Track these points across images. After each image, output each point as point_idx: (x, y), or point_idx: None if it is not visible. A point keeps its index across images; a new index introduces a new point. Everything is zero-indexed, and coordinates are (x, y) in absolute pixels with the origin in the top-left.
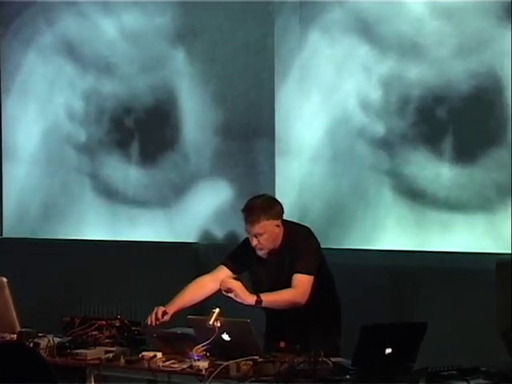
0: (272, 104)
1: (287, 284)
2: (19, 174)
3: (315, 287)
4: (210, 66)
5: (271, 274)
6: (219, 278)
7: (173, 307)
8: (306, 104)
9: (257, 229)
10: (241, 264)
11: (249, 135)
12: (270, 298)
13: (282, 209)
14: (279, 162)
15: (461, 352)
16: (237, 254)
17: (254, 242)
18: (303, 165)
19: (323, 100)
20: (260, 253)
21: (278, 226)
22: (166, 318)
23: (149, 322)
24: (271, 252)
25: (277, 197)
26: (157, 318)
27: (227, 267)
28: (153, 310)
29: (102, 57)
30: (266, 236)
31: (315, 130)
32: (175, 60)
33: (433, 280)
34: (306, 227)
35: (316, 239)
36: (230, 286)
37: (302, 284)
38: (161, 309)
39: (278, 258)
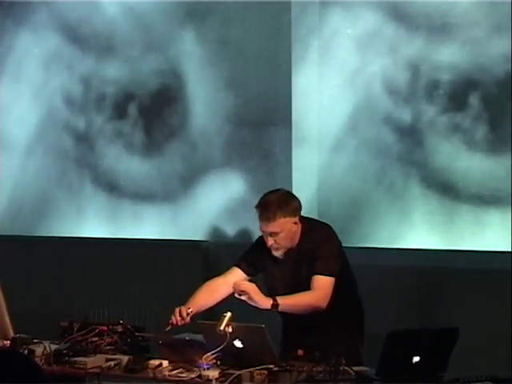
0: (289, 89)
1: (306, 287)
2: (12, 166)
3: (336, 290)
4: (222, 47)
5: (288, 276)
6: (232, 281)
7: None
8: (325, 89)
9: (272, 227)
10: (255, 265)
11: (263, 123)
12: (288, 302)
13: (300, 204)
14: (296, 153)
15: (495, 361)
16: (251, 255)
17: (270, 241)
18: (323, 155)
19: (345, 84)
20: (276, 253)
21: (295, 223)
22: (187, 319)
23: (174, 322)
24: (288, 252)
25: (294, 191)
26: (182, 318)
27: (241, 269)
28: (174, 310)
29: (103, 37)
30: (282, 235)
31: (336, 117)
32: (183, 41)
33: (464, 282)
34: (327, 224)
35: (337, 237)
36: (243, 289)
37: (322, 286)
38: (184, 307)
39: (296, 258)
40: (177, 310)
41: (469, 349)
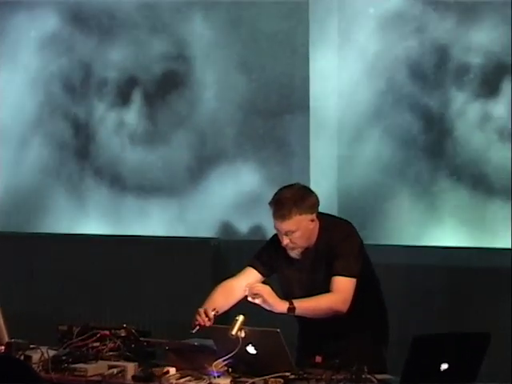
0: (306, 73)
1: (324, 289)
2: (7, 158)
3: (357, 291)
4: (234, 29)
5: (305, 277)
6: (247, 282)
7: None
8: (346, 73)
9: (288, 225)
10: (270, 265)
11: (278, 110)
12: (305, 305)
13: (318, 200)
14: (314, 143)
15: None
16: (265, 254)
17: (285, 240)
18: (343, 146)
19: (367, 69)
20: (292, 253)
21: (312, 220)
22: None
23: (202, 323)
24: (305, 251)
25: (311, 184)
26: (208, 318)
27: (255, 269)
28: (199, 311)
29: (105, 18)
30: (298, 233)
31: (357, 105)
32: (191, 22)
33: (497, 282)
34: (347, 221)
35: (358, 235)
36: (256, 291)
37: (342, 288)
38: (209, 308)
39: (314, 258)
40: (201, 310)
41: (501, 354)
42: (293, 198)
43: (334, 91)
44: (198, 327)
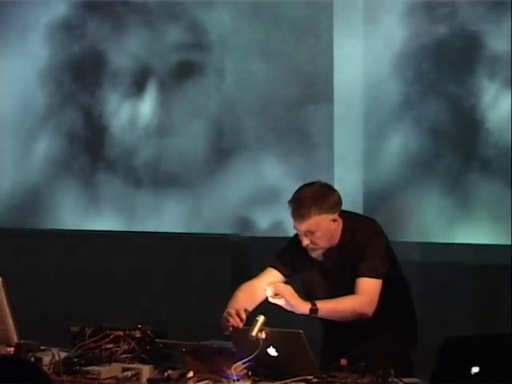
0: (330, 62)
1: (349, 291)
2: (17, 150)
3: (385, 292)
4: (254, 15)
5: (329, 279)
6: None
7: None
8: (371, 61)
9: (307, 226)
10: (292, 266)
11: (301, 100)
12: (328, 307)
13: (340, 199)
14: (339, 134)
15: None
16: (287, 254)
17: (305, 241)
18: (370, 136)
19: (394, 55)
20: (313, 254)
21: (334, 220)
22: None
23: (235, 324)
24: (328, 252)
25: (335, 178)
26: (241, 319)
27: (277, 270)
28: (229, 312)
29: (118, 4)
30: (318, 234)
31: (385, 93)
32: (209, 8)
33: None
34: (372, 220)
35: (384, 234)
36: (278, 291)
37: (368, 290)
38: (240, 308)
39: (337, 259)
40: (233, 311)
41: None
42: (313, 196)
43: (360, 80)
44: (231, 329)
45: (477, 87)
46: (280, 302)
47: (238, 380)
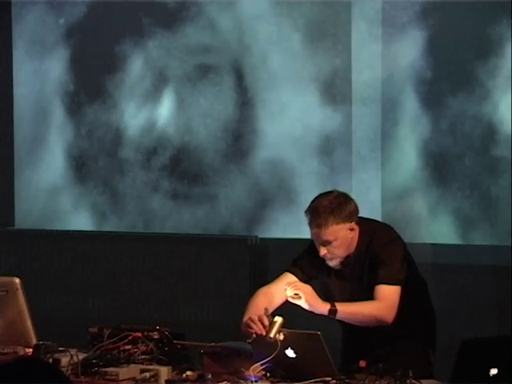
0: (348, 54)
1: (367, 298)
2: (32, 154)
3: (404, 295)
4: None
5: (347, 286)
6: (282, 289)
7: None
8: (390, 61)
9: (325, 235)
10: (309, 272)
11: (319, 100)
12: (348, 310)
13: (357, 208)
14: (357, 138)
15: None
16: (305, 260)
17: (322, 251)
18: (388, 136)
19: (411, 57)
20: (331, 263)
21: (351, 229)
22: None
23: (259, 332)
24: (344, 260)
25: (353, 178)
26: (264, 326)
27: (294, 275)
28: (252, 319)
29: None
30: (336, 243)
31: (402, 83)
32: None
33: None
34: (388, 225)
35: (401, 239)
36: (297, 290)
37: (388, 297)
38: (263, 315)
39: (354, 266)
40: (255, 318)
41: None
42: (330, 206)
43: (377, 68)
44: (254, 335)
45: (496, 88)
46: (299, 302)
47: (256, 381)
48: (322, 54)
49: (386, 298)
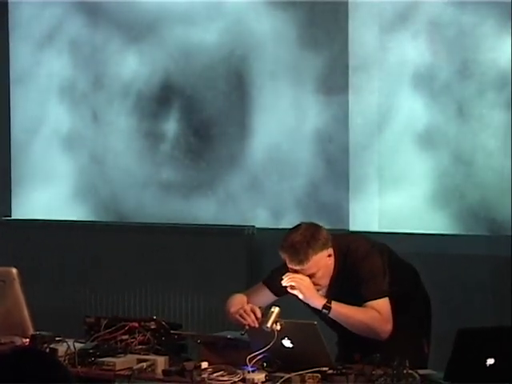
0: (345, 50)
1: None
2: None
3: (394, 287)
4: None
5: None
6: (257, 301)
7: None
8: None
9: (308, 269)
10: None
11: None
12: (343, 310)
13: (328, 234)
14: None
15: None
16: (283, 273)
17: None
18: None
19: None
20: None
21: (329, 255)
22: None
23: (252, 324)
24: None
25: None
26: (256, 318)
27: (269, 289)
28: (245, 309)
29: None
30: (320, 274)
31: (399, 80)
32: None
33: None
34: (357, 236)
35: (376, 246)
36: (293, 282)
37: (380, 311)
38: (254, 306)
39: (336, 288)
40: (247, 308)
41: None
42: (304, 239)
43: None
44: (247, 327)
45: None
46: (297, 292)
47: (252, 371)
48: (319, 50)
49: (379, 312)
